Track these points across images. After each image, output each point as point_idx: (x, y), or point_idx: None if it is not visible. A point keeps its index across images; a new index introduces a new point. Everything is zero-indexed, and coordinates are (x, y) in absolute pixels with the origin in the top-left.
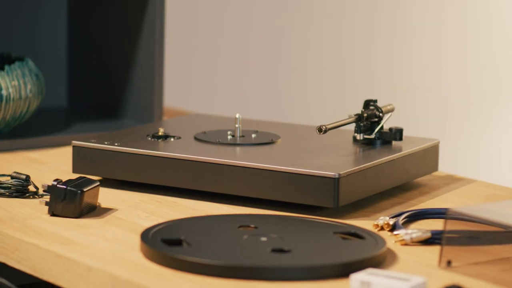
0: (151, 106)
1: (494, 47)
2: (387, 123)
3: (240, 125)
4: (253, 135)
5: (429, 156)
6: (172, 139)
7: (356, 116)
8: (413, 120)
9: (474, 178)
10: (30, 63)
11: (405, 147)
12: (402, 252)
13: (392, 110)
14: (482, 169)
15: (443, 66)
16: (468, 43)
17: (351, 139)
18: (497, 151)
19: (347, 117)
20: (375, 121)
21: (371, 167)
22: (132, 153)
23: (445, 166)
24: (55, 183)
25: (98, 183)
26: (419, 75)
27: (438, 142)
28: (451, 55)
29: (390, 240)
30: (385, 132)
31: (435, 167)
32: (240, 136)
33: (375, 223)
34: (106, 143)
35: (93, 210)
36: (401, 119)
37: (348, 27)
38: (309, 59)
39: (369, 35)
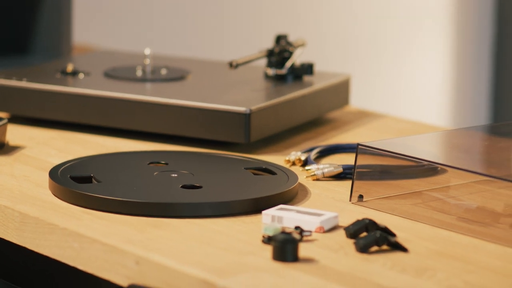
0: (59, 42)
1: None
2: (299, 59)
3: (150, 61)
4: (164, 71)
5: (340, 91)
6: (81, 76)
7: (267, 51)
8: (326, 56)
9: (385, 113)
10: None
11: (317, 82)
12: (314, 187)
13: (303, 45)
14: (393, 104)
15: (354, 3)
16: None
17: (262, 74)
18: (408, 87)
19: (258, 52)
20: (287, 56)
21: (282, 102)
22: (40, 90)
23: (357, 101)
24: None
25: (6, 121)
26: (331, 11)
27: (349, 77)
28: None
29: (302, 176)
30: (296, 67)
31: (346, 102)
32: (150, 72)
33: (287, 158)
34: (13, 79)
35: (1, 148)
36: (314, 55)
37: None
38: None
39: None
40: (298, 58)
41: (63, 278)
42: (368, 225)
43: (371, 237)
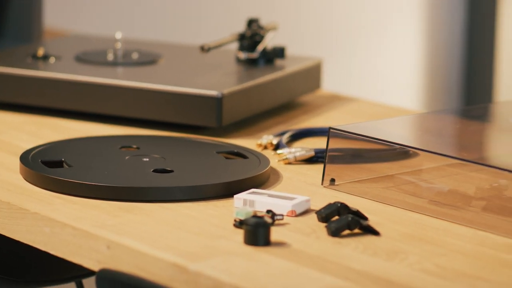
0: (30, 26)
1: None
2: (271, 42)
3: (122, 45)
4: (135, 55)
5: (312, 75)
6: (52, 60)
7: (239, 35)
8: (297, 40)
9: (357, 97)
10: None
11: (288, 66)
12: (286, 171)
13: (275, 29)
14: (365, 87)
15: None
16: None
17: (234, 58)
18: (380, 71)
19: (229, 35)
20: (258, 40)
21: (254, 86)
22: (11, 74)
23: (329, 85)
24: None
25: None
26: None
27: (321, 61)
28: None
29: (274, 159)
30: (268, 51)
31: (318, 85)
32: (121, 56)
33: (259, 142)
34: None
35: None
36: (285, 38)
37: None
38: None
39: None
40: (269, 41)
41: (36, 261)
42: (340, 209)
43: (343, 221)
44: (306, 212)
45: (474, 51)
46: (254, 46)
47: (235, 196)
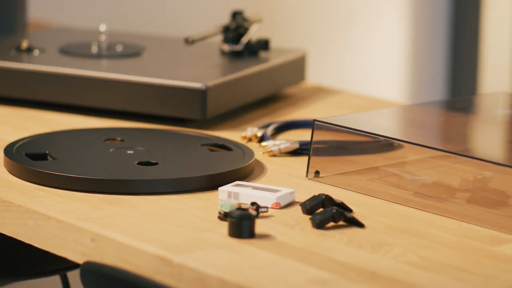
0: (14, 18)
1: None
2: (255, 35)
3: (106, 37)
4: (119, 47)
5: (296, 67)
6: (36, 52)
7: (223, 27)
8: (282, 32)
9: (342, 89)
10: None
11: (273, 58)
12: (270, 164)
13: (259, 21)
14: (350, 79)
15: None
16: None
17: (218, 50)
18: (365, 63)
19: (214, 28)
20: (243, 32)
21: (238, 78)
22: None
23: (313, 77)
24: None
25: None
26: None
27: (306, 53)
28: None
29: (258, 152)
30: (252, 43)
31: (302, 78)
32: (105, 48)
33: (243, 134)
34: None
35: None
36: (270, 31)
37: None
38: None
39: None
40: (254, 34)
41: (19, 254)
42: (325, 201)
43: (328, 213)
44: (290, 204)
45: (459, 43)
46: (238, 39)
47: (219, 188)
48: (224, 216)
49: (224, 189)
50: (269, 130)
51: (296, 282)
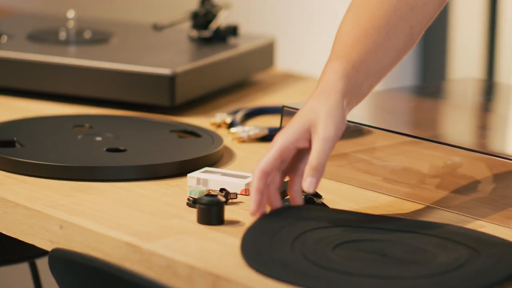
0: None
1: None
2: (224, 21)
3: (74, 23)
4: (87, 33)
5: (265, 53)
6: (4, 39)
7: (192, 13)
8: (250, 18)
9: (311, 75)
10: None
11: (241, 44)
12: (240, 150)
13: (228, 7)
14: (318, 66)
15: None
16: None
17: (187, 36)
18: None
19: (182, 14)
20: (211, 19)
21: (207, 64)
22: None
23: (282, 63)
24: None
25: None
26: None
27: (274, 39)
28: None
29: (227, 138)
30: (221, 29)
31: (271, 64)
32: (74, 35)
33: (212, 121)
34: None
35: None
36: (238, 17)
37: None
38: None
39: None
40: (223, 20)
41: None
42: None
43: None
44: None
45: (428, 28)
46: (207, 25)
47: (188, 175)
48: (193, 203)
49: (193, 176)
50: (238, 117)
51: None
